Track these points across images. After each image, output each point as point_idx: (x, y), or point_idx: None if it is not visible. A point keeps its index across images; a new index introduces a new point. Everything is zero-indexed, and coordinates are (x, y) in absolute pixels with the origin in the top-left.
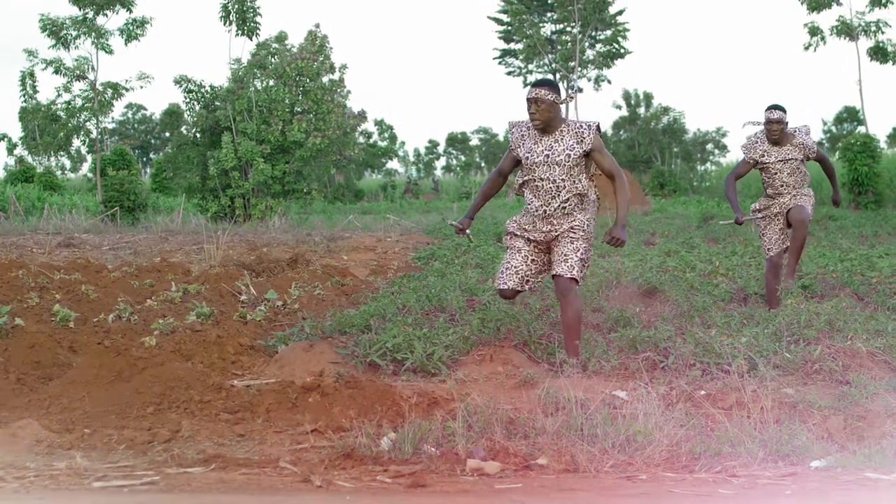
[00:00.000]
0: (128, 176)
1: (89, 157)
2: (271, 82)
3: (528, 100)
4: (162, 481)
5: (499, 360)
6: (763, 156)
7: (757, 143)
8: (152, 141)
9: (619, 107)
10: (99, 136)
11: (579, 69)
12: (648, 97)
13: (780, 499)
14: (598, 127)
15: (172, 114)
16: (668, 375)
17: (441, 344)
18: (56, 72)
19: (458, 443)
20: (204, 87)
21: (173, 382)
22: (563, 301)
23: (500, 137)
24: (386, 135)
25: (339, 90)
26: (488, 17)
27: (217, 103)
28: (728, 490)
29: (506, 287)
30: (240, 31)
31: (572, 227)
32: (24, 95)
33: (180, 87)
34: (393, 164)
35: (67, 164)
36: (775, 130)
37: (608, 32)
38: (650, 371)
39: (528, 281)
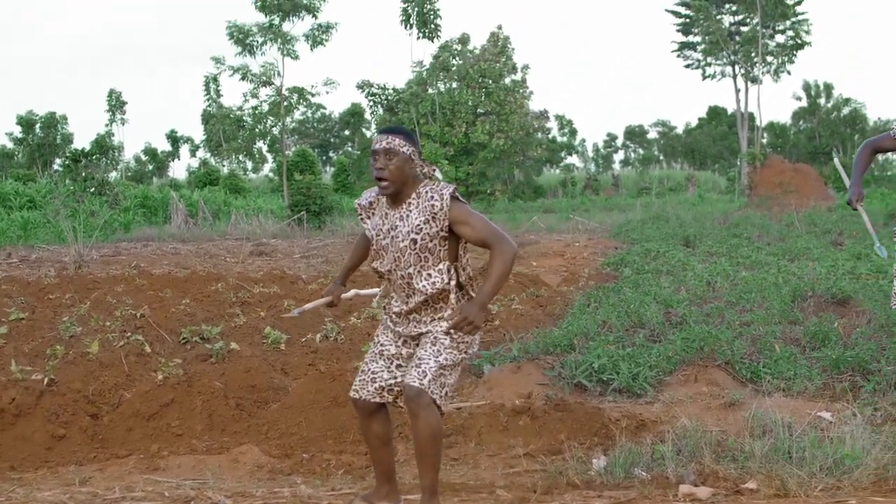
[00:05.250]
0: (313, 179)
1: (270, 157)
2: (454, 84)
3: (374, 151)
4: None
5: (703, 381)
6: None
7: None
8: (332, 140)
9: (798, 98)
10: (283, 139)
11: (760, 63)
12: (829, 88)
13: None
14: (454, 192)
15: (354, 114)
16: (873, 396)
17: (645, 364)
18: (243, 78)
19: (668, 467)
20: (387, 90)
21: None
22: (412, 418)
23: (679, 130)
24: (566, 130)
25: (521, 91)
26: (666, 10)
27: (400, 106)
28: None
29: (357, 396)
30: (421, 34)
31: (443, 329)
32: (207, 99)
33: (363, 91)
34: (572, 159)
35: (249, 164)
36: None
37: (788, 23)
38: (854, 391)
39: (392, 390)
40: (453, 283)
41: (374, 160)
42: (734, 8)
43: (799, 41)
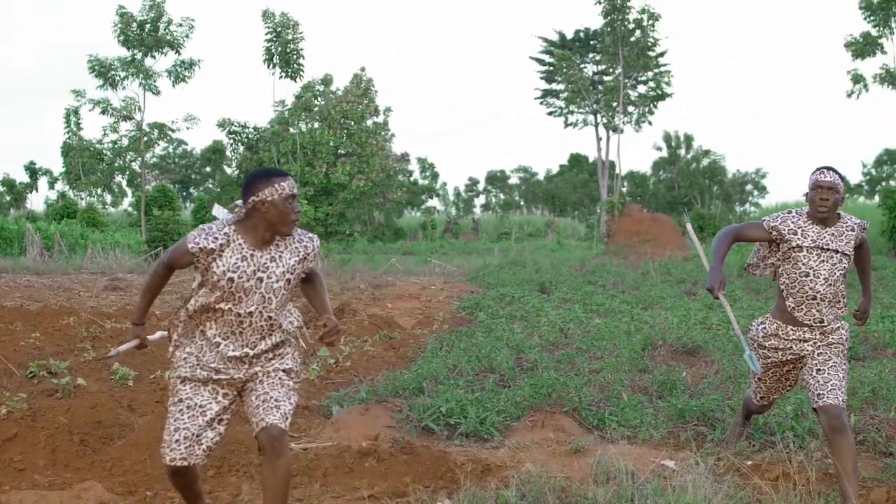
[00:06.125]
0: (172, 215)
1: (130, 192)
2: (316, 124)
3: (294, 196)
4: None
5: (550, 427)
6: (795, 233)
7: (791, 215)
8: (193, 176)
9: (659, 148)
10: (142, 174)
11: (621, 113)
12: (689, 139)
13: None
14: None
15: (215, 151)
16: (716, 445)
17: (493, 409)
18: (103, 112)
19: None
20: (248, 128)
21: (233, 446)
22: (274, 458)
23: (541, 176)
24: (427, 173)
25: (382, 133)
26: (530, 58)
27: (261, 144)
28: None
29: (184, 464)
30: (283, 74)
31: (286, 369)
32: (68, 132)
33: (223, 129)
34: (433, 202)
35: (108, 198)
36: (826, 201)
37: (650, 74)
38: (698, 440)
39: (213, 448)
40: (299, 325)
41: (291, 203)
42: (597, 58)
43: (660, 92)
